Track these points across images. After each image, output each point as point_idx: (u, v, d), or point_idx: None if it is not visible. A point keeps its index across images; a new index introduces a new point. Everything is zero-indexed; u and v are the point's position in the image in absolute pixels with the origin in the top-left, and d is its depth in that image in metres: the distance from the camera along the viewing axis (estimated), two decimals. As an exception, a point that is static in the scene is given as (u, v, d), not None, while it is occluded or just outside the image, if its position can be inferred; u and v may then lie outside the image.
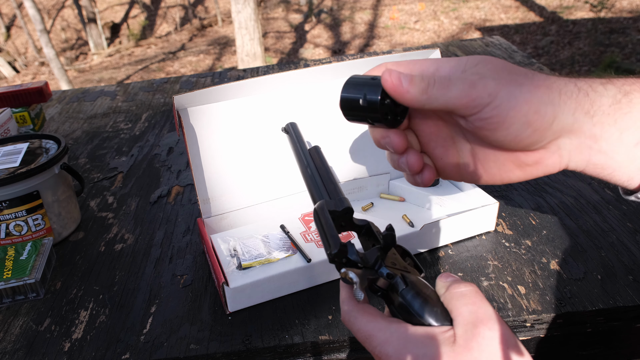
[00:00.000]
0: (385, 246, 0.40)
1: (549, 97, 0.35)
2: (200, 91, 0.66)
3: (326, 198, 0.44)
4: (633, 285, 0.65)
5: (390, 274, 0.38)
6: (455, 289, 0.36)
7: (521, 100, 0.34)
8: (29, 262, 0.72)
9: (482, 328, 0.33)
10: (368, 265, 0.38)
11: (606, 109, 0.36)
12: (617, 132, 0.36)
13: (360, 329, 0.37)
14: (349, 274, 0.37)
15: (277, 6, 8.97)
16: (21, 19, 8.51)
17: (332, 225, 0.41)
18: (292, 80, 0.73)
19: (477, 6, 7.34)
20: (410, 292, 0.36)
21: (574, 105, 0.36)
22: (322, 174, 0.46)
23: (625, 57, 4.54)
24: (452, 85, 0.34)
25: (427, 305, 0.36)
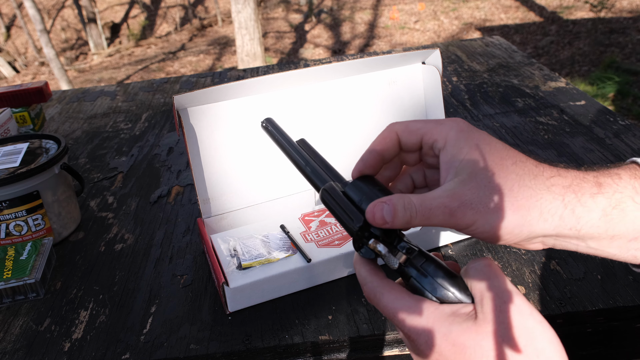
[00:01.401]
0: None
1: (527, 220, 0.36)
2: (200, 91, 0.66)
3: (328, 181, 0.43)
4: (633, 285, 0.65)
5: (411, 248, 0.38)
6: (470, 266, 0.36)
7: (496, 227, 0.36)
8: (29, 262, 0.72)
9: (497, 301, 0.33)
10: (389, 239, 0.38)
11: (595, 222, 0.36)
12: (606, 239, 0.37)
13: (387, 305, 0.37)
14: (377, 246, 0.38)
15: (277, 6, 8.97)
16: (21, 19, 8.51)
17: (348, 202, 0.40)
18: (292, 80, 0.73)
19: (477, 6, 7.34)
20: (432, 265, 0.37)
21: (557, 222, 0.36)
22: (318, 162, 0.45)
23: (625, 57, 4.54)
24: (433, 217, 0.36)
25: (448, 277, 0.36)
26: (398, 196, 0.37)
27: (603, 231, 0.36)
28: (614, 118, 1.08)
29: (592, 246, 0.38)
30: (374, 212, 0.37)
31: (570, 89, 1.24)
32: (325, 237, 0.71)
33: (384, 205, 0.37)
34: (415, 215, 0.37)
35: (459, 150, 0.38)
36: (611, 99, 3.68)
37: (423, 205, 0.37)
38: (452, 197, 0.36)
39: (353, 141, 0.80)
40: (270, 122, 0.51)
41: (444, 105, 0.81)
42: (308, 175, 0.45)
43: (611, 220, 0.36)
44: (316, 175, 0.44)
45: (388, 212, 0.37)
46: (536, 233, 0.36)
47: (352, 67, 0.76)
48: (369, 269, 0.39)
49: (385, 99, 0.81)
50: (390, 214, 0.37)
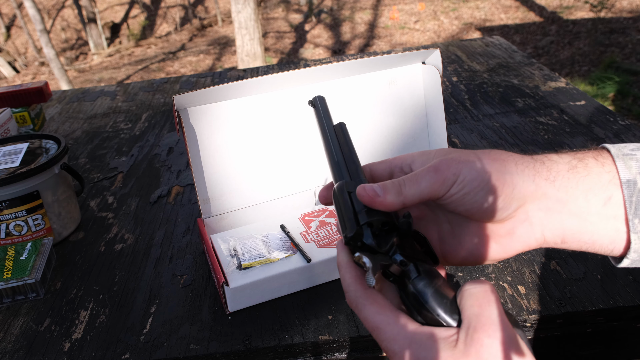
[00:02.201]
0: (402, 233, 0.39)
1: (505, 167, 0.38)
2: (200, 91, 0.66)
3: (347, 179, 0.43)
4: (633, 285, 0.65)
5: (404, 261, 0.37)
6: (467, 287, 0.35)
7: (481, 172, 0.38)
8: (29, 262, 0.72)
9: (482, 334, 0.32)
10: (382, 250, 0.38)
11: (565, 174, 0.38)
12: (581, 194, 0.38)
13: (367, 318, 0.36)
14: (362, 258, 0.37)
15: (277, 6, 8.97)
16: (21, 19, 8.51)
17: (349, 207, 0.40)
18: (292, 80, 0.73)
19: (477, 6, 7.34)
20: (422, 281, 0.36)
21: (532, 172, 0.38)
22: (345, 152, 0.45)
23: (625, 57, 4.54)
24: (421, 179, 0.38)
25: (436, 296, 0.35)
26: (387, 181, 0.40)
27: (574, 185, 0.38)
28: (614, 118, 1.08)
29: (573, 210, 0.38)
30: (364, 188, 0.39)
31: (570, 89, 1.24)
32: (325, 237, 0.71)
33: (374, 185, 0.39)
34: (404, 183, 0.38)
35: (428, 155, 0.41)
36: (611, 99, 3.68)
37: (410, 175, 0.39)
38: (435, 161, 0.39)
39: (353, 141, 0.79)
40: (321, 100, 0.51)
41: (444, 105, 0.81)
42: (331, 167, 0.45)
43: (578, 173, 0.38)
44: (337, 170, 0.44)
45: (378, 187, 0.38)
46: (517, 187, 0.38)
47: (352, 67, 0.76)
48: (354, 275, 0.38)
49: (385, 99, 0.81)
50: (379, 188, 0.38)
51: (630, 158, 0.38)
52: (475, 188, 0.38)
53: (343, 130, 0.47)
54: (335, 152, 0.45)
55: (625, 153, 0.38)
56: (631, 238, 0.38)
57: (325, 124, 0.48)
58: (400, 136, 0.84)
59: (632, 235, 0.38)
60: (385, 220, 0.39)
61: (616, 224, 0.38)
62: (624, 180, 0.37)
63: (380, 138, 0.82)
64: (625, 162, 0.38)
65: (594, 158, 0.39)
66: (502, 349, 0.31)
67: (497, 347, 0.31)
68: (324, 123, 0.49)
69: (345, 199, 0.41)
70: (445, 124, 0.82)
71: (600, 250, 0.40)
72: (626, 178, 0.37)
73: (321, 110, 0.50)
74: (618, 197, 0.38)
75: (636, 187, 0.37)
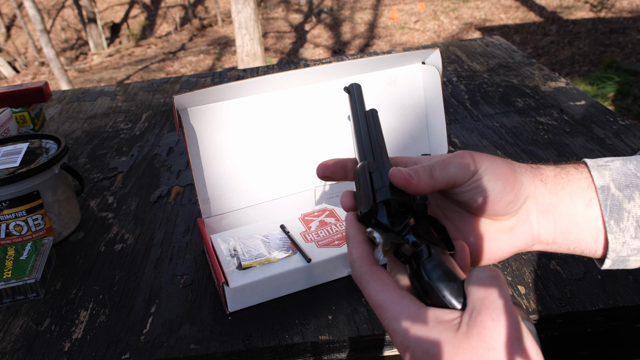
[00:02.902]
0: (418, 215, 0.39)
1: (513, 167, 0.42)
2: (200, 91, 0.66)
3: (369, 159, 0.44)
4: (633, 285, 0.65)
5: (416, 242, 0.37)
6: (475, 272, 0.35)
7: (499, 164, 0.42)
8: (29, 262, 0.72)
9: (486, 317, 0.32)
10: (396, 230, 0.38)
11: (552, 179, 0.43)
12: (567, 195, 0.42)
13: (371, 295, 0.37)
14: (373, 233, 0.37)
15: (277, 6, 8.97)
16: (21, 19, 8.51)
17: (368, 186, 0.40)
18: (292, 80, 0.73)
19: (477, 6, 7.34)
20: (432, 263, 0.36)
21: (531, 175, 0.43)
22: (372, 136, 0.46)
23: (625, 57, 4.54)
24: (449, 164, 0.41)
25: (444, 277, 0.35)
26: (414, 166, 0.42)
27: (560, 187, 0.43)
28: (614, 118, 1.08)
29: (563, 212, 0.42)
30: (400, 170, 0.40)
31: (570, 89, 1.24)
32: (325, 237, 0.71)
33: (407, 169, 0.41)
34: (435, 168, 0.41)
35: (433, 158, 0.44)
36: (611, 99, 3.68)
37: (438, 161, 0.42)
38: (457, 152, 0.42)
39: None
40: (357, 88, 0.52)
41: (444, 105, 0.81)
42: (357, 147, 0.46)
43: (562, 178, 0.43)
44: (362, 151, 0.45)
45: (411, 170, 0.40)
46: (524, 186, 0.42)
47: (352, 67, 0.76)
48: (361, 250, 0.38)
49: (385, 99, 0.81)
50: (413, 171, 0.40)
51: (604, 168, 0.43)
52: (494, 177, 0.41)
53: (374, 116, 0.49)
54: (363, 134, 0.46)
55: (600, 164, 0.43)
56: (608, 238, 0.41)
57: (358, 108, 0.50)
58: (400, 136, 0.84)
59: (609, 235, 0.41)
60: (402, 201, 0.39)
61: (597, 223, 0.42)
62: (599, 186, 0.42)
63: (380, 138, 0.82)
64: (599, 171, 0.43)
65: (574, 168, 0.44)
66: (506, 333, 0.31)
67: (500, 330, 0.31)
68: (356, 107, 0.50)
69: (366, 177, 0.42)
70: (445, 124, 0.82)
71: (585, 250, 0.43)
72: (600, 184, 0.42)
73: (356, 96, 0.51)
74: (596, 200, 0.42)
75: (609, 192, 0.42)
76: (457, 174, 0.41)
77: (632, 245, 0.41)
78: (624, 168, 0.42)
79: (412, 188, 0.40)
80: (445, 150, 0.84)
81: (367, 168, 0.42)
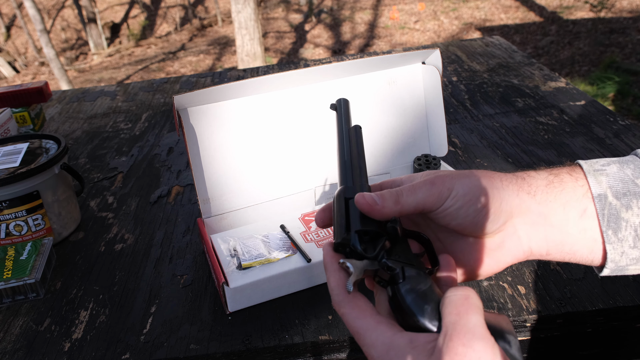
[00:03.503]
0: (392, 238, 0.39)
1: (492, 183, 0.41)
2: (200, 91, 0.66)
3: (349, 184, 0.44)
4: (633, 285, 0.65)
5: (391, 266, 0.37)
6: (448, 294, 0.35)
7: (472, 187, 0.40)
8: (29, 262, 0.72)
9: (457, 342, 0.32)
10: (371, 256, 0.38)
11: (543, 188, 0.41)
12: (559, 207, 0.41)
13: (348, 322, 0.37)
14: (346, 264, 0.37)
15: (277, 6, 8.97)
16: (21, 19, 8.51)
17: (343, 214, 0.41)
18: (292, 80, 0.73)
19: (477, 6, 7.34)
20: (406, 286, 0.36)
21: (516, 188, 0.41)
22: (354, 157, 0.46)
23: (625, 57, 4.54)
24: (418, 189, 0.41)
25: (418, 301, 0.35)
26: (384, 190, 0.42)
27: (552, 198, 0.41)
28: (614, 118, 1.08)
29: (555, 223, 0.41)
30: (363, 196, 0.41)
31: (570, 89, 1.24)
32: (325, 237, 0.71)
33: (372, 194, 0.41)
34: (402, 193, 0.41)
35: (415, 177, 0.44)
36: (611, 99, 3.68)
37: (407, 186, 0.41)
38: (429, 175, 0.42)
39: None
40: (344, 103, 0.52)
41: (444, 105, 0.81)
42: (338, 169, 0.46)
43: (555, 188, 0.41)
44: (342, 173, 0.45)
45: (376, 196, 0.40)
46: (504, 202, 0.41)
47: (352, 67, 0.76)
48: (337, 279, 0.38)
49: (385, 99, 0.81)
50: (378, 196, 0.40)
51: (601, 173, 0.41)
52: (467, 202, 0.40)
53: (357, 133, 0.48)
54: (346, 154, 0.47)
55: (596, 169, 0.41)
56: (607, 248, 0.40)
57: (344, 125, 0.50)
58: (400, 136, 0.84)
59: (607, 245, 0.40)
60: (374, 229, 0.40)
61: (593, 234, 0.41)
62: (595, 194, 0.40)
63: (380, 138, 0.82)
64: (596, 177, 0.41)
65: (568, 174, 0.42)
66: (477, 358, 0.31)
67: (472, 356, 0.31)
68: (342, 125, 0.50)
69: (341, 205, 0.42)
70: (445, 124, 0.82)
71: (582, 260, 0.42)
72: (597, 192, 0.40)
73: (342, 113, 0.51)
74: (592, 210, 0.40)
75: (607, 201, 0.40)
76: (427, 200, 0.40)
77: (631, 255, 0.41)
78: (621, 173, 0.41)
79: (376, 214, 0.40)
80: (445, 151, 0.84)
81: (344, 194, 0.43)
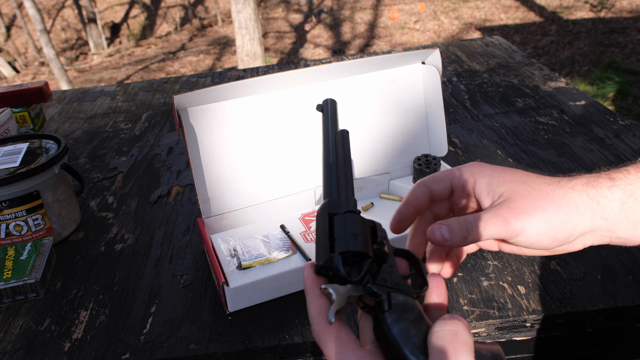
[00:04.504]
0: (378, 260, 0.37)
1: (569, 215, 0.41)
2: (200, 91, 0.66)
3: (334, 196, 0.41)
4: (633, 285, 0.65)
5: (376, 292, 0.34)
6: (436, 328, 0.32)
7: (548, 226, 0.40)
8: (29, 262, 0.72)
9: None
10: (355, 280, 0.35)
11: (617, 210, 0.41)
12: (630, 224, 0.42)
13: (328, 356, 0.35)
14: (328, 290, 0.34)
15: (277, 6, 8.97)
16: (21, 19, 8.51)
17: (326, 233, 0.38)
18: (292, 80, 0.73)
19: (477, 6, 7.34)
20: (392, 316, 0.33)
21: (590, 214, 0.41)
22: (340, 165, 0.43)
23: (625, 57, 4.54)
24: (489, 226, 0.40)
25: (405, 333, 0.33)
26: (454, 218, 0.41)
27: (624, 218, 0.41)
28: (614, 118, 1.08)
29: (621, 236, 0.42)
30: (434, 232, 0.41)
31: (570, 89, 1.24)
32: (325, 237, 0.71)
33: (441, 226, 0.41)
34: (472, 227, 0.40)
35: (490, 180, 0.43)
36: (611, 99, 3.68)
37: (478, 219, 0.41)
38: (503, 208, 0.41)
39: (353, 141, 0.79)
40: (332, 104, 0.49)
41: (444, 105, 0.81)
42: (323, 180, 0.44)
43: (628, 208, 0.41)
44: (327, 184, 0.42)
45: (446, 231, 0.40)
46: (578, 228, 0.41)
47: (352, 67, 0.76)
48: (318, 307, 0.36)
49: (385, 99, 0.81)
50: (447, 232, 0.40)
51: None
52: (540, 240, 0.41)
53: (344, 138, 0.46)
54: (331, 162, 0.44)
55: None
56: None
57: (330, 129, 0.47)
58: (400, 136, 0.84)
59: None
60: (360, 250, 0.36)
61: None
62: None
63: (381, 138, 0.82)
64: None
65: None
66: None
67: None
68: (328, 128, 0.47)
69: (325, 222, 0.39)
70: (445, 124, 0.82)
71: None
72: None
73: (329, 114, 0.48)
74: None
75: None
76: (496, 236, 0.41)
77: None
78: None
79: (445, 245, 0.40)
80: (445, 151, 0.84)
81: (328, 208, 0.39)
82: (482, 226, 0.40)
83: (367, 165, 0.82)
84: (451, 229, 0.40)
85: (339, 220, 0.39)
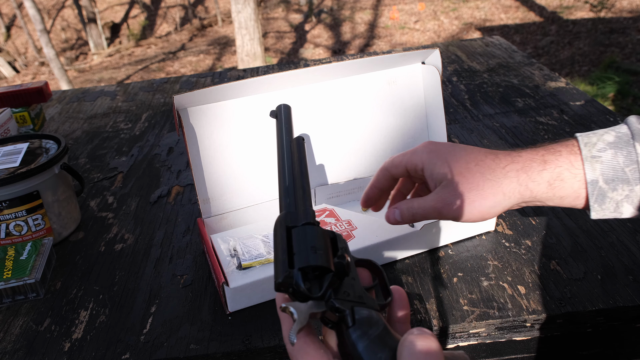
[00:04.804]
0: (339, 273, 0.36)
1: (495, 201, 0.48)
2: (200, 91, 0.66)
3: (291, 209, 0.40)
4: (633, 285, 0.65)
5: (339, 308, 0.33)
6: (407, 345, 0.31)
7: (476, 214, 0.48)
8: (29, 262, 0.72)
9: None
10: (316, 296, 0.34)
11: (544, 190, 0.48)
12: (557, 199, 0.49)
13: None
14: (289, 308, 0.33)
15: (277, 6, 8.97)
16: (21, 19, 8.51)
17: (284, 248, 0.37)
18: (292, 80, 0.73)
19: (477, 6, 7.34)
20: (357, 332, 0.32)
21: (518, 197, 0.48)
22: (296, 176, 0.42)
23: (625, 57, 4.54)
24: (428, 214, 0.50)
25: (370, 349, 0.32)
26: (405, 202, 0.52)
27: (552, 195, 0.49)
28: (614, 118, 1.08)
29: (549, 204, 0.50)
30: (388, 215, 0.53)
31: (570, 89, 1.24)
32: (325, 237, 0.71)
33: (395, 210, 0.52)
34: (415, 213, 0.51)
35: (434, 167, 0.50)
36: (611, 99, 3.68)
37: (420, 207, 0.51)
38: (437, 200, 0.49)
39: (353, 141, 0.80)
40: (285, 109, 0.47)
41: (444, 105, 0.81)
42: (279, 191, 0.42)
43: (555, 188, 0.48)
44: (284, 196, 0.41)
45: (397, 214, 0.52)
46: (504, 208, 0.49)
47: (352, 67, 0.76)
48: (289, 326, 0.35)
49: (385, 99, 0.81)
50: (399, 215, 0.52)
51: (597, 160, 0.47)
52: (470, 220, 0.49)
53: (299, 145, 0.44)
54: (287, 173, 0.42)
55: (593, 154, 0.47)
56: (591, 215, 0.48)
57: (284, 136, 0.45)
58: (400, 136, 0.84)
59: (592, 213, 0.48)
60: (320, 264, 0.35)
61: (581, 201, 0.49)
62: (589, 180, 0.47)
63: (380, 138, 0.82)
64: (591, 164, 0.47)
65: (568, 170, 0.47)
66: None
67: None
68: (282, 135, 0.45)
69: (283, 236, 0.37)
70: (445, 124, 0.82)
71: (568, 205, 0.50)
72: (591, 178, 0.47)
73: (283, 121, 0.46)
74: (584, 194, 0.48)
75: (597, 185, 0.47)
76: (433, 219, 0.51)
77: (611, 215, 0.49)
78: (614, 161, 0.46)
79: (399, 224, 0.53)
80: (445, 150, 0.84)
81: (286, 221, 0.38)
82: (423, 213, 0.50)
83: (367, 165, 0.82)
84: (402, 213, 0.51)
85: (297, 234, 0.38)
